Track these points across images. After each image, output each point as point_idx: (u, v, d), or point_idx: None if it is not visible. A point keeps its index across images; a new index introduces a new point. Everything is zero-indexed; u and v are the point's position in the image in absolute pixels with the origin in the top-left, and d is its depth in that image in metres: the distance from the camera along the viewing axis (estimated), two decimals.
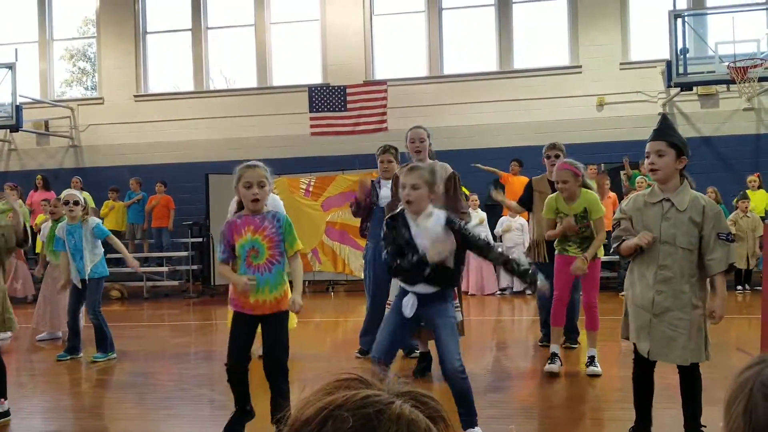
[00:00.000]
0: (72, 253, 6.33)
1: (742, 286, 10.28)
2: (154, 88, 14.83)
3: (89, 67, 16.14)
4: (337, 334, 8.31)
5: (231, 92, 14.48)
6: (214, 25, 14.53)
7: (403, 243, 3.62)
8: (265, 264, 3.79)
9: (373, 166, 6.23)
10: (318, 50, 13.94)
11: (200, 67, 14.35)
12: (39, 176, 13.11)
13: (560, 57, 13.27)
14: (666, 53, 11.30)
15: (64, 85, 15.86)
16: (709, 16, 11.82)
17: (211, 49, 14.57)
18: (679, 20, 11.01)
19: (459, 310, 5.24)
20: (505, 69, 13.28)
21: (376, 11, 13.83)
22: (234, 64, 15.10)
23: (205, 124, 13.87)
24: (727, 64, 10.48)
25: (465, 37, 13.84)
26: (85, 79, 16.34)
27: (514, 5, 13.36)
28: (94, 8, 14.78)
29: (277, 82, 14.14)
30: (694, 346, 3.49)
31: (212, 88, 14.81)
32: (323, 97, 13.30)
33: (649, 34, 12.63)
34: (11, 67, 12.89)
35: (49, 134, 14.46)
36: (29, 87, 14.47)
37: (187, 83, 14.64)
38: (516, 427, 4.11)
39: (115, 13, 14.49)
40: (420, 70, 13.66)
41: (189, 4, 14.36)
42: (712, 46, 11.10)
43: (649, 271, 3.47)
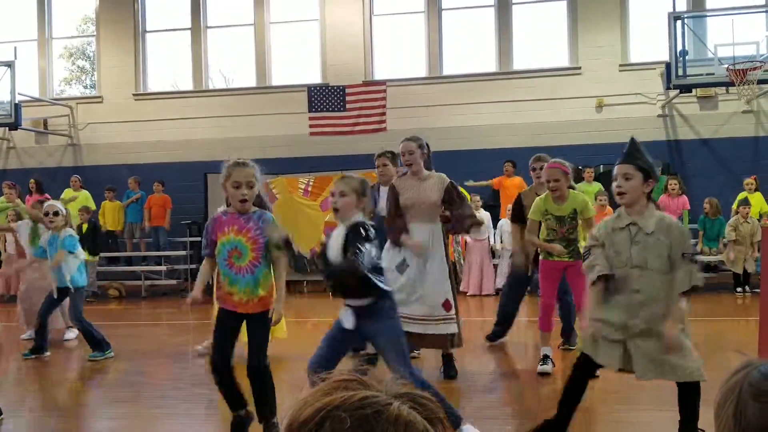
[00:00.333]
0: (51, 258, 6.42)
1: (742, 289, 10.29)
2: (154, 87, 14.82)
3: (88, 66, 16.13)
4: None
5: (230, 91, 14.48)
6: (213, 25, 14.53)
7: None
8: (248, 266, 3.74)
9: (373, 167, 6.18)
10: (317, 50, 13.94)
11: (199, 66, 14.34)
12: (32, 180, 13.06)
13: (560, 58, 13.27)
14: (665, 55, 11.30)
15: (63, 84, 15.85)
16: (709, 19, 11.82)
17: (210, 49, 14.56)
18: (679, 22, 11.01)
19: (455, 321, 5.22)
20: (505, 70, 13.28)
21: (376, 11, 13.83)
22: (233, 63, 15.10)
23: (205, 124, 13.86)
24: (727, 66, 10.48)
25: (464, 37, 13.84)
26: (84, 78, 16.32)
27: (514, 6, 13.37)
28: (94, 7, 14.77)
29: (277, 81, 14.14)
30: (688, 365, 3.43)
31: (211, 87, 14.80)
32: (322, 97, 13.29)
33: (649, 36, 12.63)
34: (10, 65, 12.86)
35: (47, 132, 14.45)
36: (28, 85, 14.45)
37: (186, 82, 14.64)
38: (514, 428, 4.11)
39: (115, 11, 14.48)
40: (419, 70, 13.66)
41: (188, 3, 14.36)
42: (712, 49, 11.10)
43: (622, 296, 3.47)
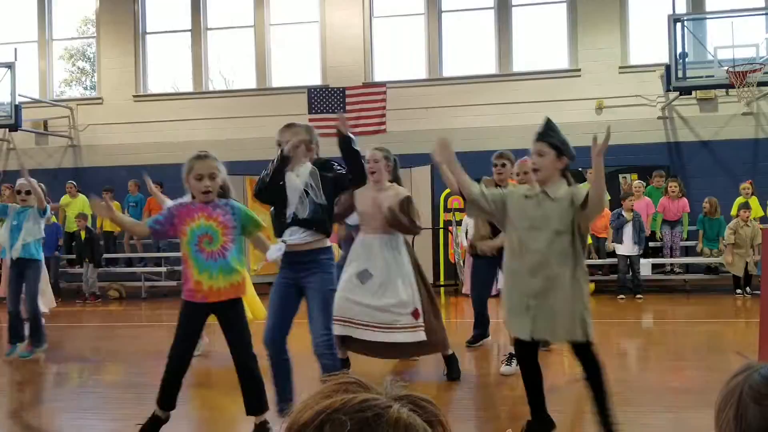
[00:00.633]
0: (11, 231, 6.46)
1: (741, 291, 10.29)
2: (154, 88, 14.82)
3: (88, 67, 16.13)
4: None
5: (230, 93, 14.48)
6: (213, 26, 14.53)
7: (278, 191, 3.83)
8: (219, 250, 3.73)
9: None
10: (317, 52, 13.94)
11: (199, 67, 14.35)
12: None
13: (559, 60, 13.28)
14: (665, 57, 11.31)
15: (63, 85, 15.85)
16: (709, 21, 11.82)
17: (210, 50, 14.57)
18: (679, 24, 11.02)
19: (423, 329, 5.08)
20: (505, 72, 13.28)
21: (376, 13, 13.83)
22: (233, 64, 15.10)
23: (205, 125, 13.86)
24: (726, 68, 10.48)
25: (464, 39, 13.84)
26: (84, 79, 16.33)
27: (514, 8, 13.37)
28: (94, 8, 14.77)
29: (277, 83, 14.14)
30: (577, 325, 3.56)
31: (211, 88, 14.80)
32: (322, 99, 13.30)
33: (649, 38, 12.64)
34: (10, 67, 12.87)
35: (48, 134, 14.45)
36: (28, 86, 14.45)
37: (186, 84, 14.64)
38: (514, 429, 4.11)
39: (115, 13, 14.48)
40: (419, 72, 13.67)
41: (188, 4, 14.36)
42: (712, 51, 11.11)
43: (524, 259, 3.63)
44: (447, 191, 11.54)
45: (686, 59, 11.03)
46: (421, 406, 0.88)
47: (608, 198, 11.00)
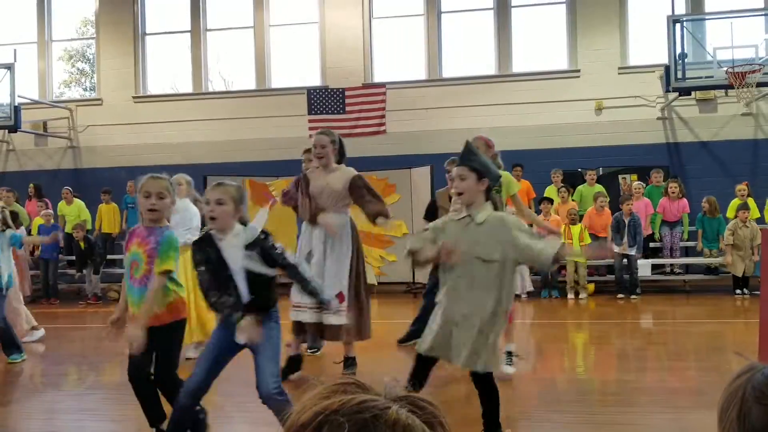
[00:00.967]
0: None
1: (741, 291, 10.29)
2: (153, 89, 14.82)
3: (88, 68, 16.13)
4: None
5: (230, 94, 14.48)
6: (213, 27, 14.53)
7: (215, 269, 3.49)
8: (141, 278, 3.74)
9: (372, 169, 6.19)
10: (317, 53, 13.94)
11: (199, 68, 14.35)
12: (31, 185, 13.06)
13: (559, 61, 13.28)
14: (664, 58, 11.31)
15: (62, 86, 15.85)
16: (708, 22, 11.82)
17: (210, 51, 14.57)
18: (678, 25, 11.02)
19: (345, 313, 5.25)
20: (504, 73, 13.28)
21: (375, 14, 13.83)
22: (233, 66, 15.10)
23: (204, 126, 13.86)
24: (726, 69, 10.49)
25: (464, 40, 13.84)
26: (83, 80, 16.32)
27: (513, 9, 13.37)
28: (93, 9, 14.77)
29: (276, 84, 14.14)
30: (480, 356, 3.56)
31: (211, 89, 14.80)
32: (322, 100, 13.30)
33: (648, 39, 12.64)
34: (10, 68, 12.86)
35: (47, 135, 14.44)
36: (28, 87, 14.44)
37: (186, 85, 14.64)
38: (513, 430, 4.11)
39: (114, 14, 14.48)
40: (419, 73, 13.67)
41: (188, 5, 14.36)
42: (711, 51, 11.11)
43: (456, 283, 3.63)
44: None
45: (685, 60, 11.04)
46: (421, 407, 0.88)
47: (608, 199, 11.04)
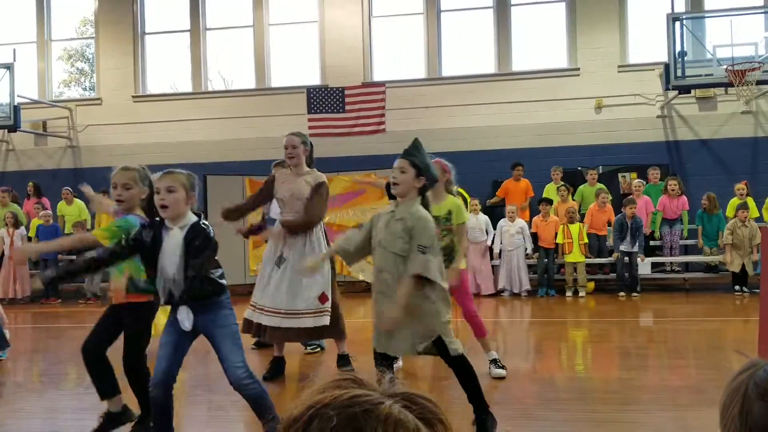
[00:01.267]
0: None
1: (740, 288, 10.29)
2: (153, 88, 14.81)
3: (87, 68, 16.13)
4: None
5: (229, 93, 14.47)
6: (212, 26, 14.52)
7: (149, 252, 3.47)
8: None
9: (372, 168, 6.19)
10: (316, 52, 13.94)
11: (199, 67, 14.34)
12: (30, 183, 13.07)
13: (558, 59, 13.27)
14: (664, 56, 11.31)
15: (62, 86, 15.84)
16: (708, 20, 11.82)
17: (209, 50, 14.56)
18: (678, 23, 11.02)
19: (328, 314, 5.33)
20: (504, 71, 13.28)
21: (375, 13, 13.82)
22: (232, 65, 15.09)
23: (204, 125, 13.86)
24: (725, 67, 10.49)
25: (463, 39, 13.83)
26: (83, 80, 16.32)
27: (513, 8, 13.37)
28: (93, 9, 14.77)
29: (276, 83, 14.14)
30: (420, 342, 3.76)
31: (211, 89, 14.80)
32: (321, 99, 13.30)
33: (648, 37, 12.64)
34: (9, 68, 12.86)
35: (47, 135, 14.44)
36: (27, 87, 14.44)
37: (185, 84, 14.63)
38: (513, 429, 4.11)
39: (114, 13, 14.48)
40: (418, 71, 13.66)
41: (187, 4, 14.35)
42: (711, 50, 11.11)
43: (382, 277, 3.78)
44: None
45: (685, 58, 11.03)
46: (419, 404, 0.88)
47: (609, 198, 11.04)
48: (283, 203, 5.40)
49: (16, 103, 12.92)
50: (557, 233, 10.69)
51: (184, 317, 3.46)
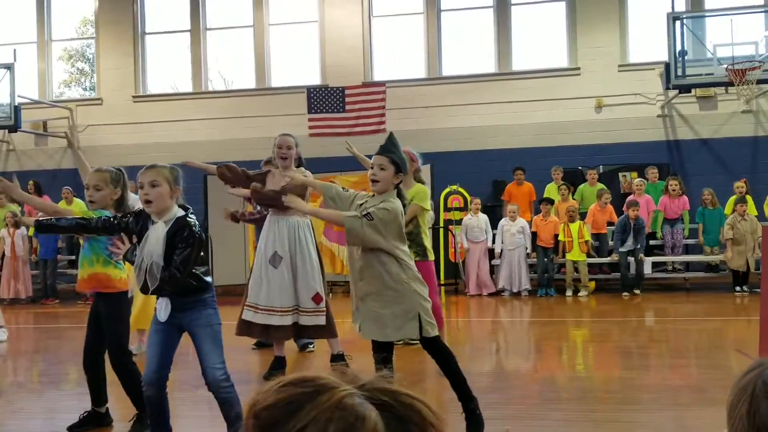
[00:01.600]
0: None
1: (740, 288, 10.28)
2: (153, 88, 14.81)
3: (88, 68, 16.13)
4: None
5: (230, 93, 14.47)
6: (212, 26, 14.52)
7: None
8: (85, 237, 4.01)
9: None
10: (316, 51, 13.94)
11: (199, 68, 14.34)
12: (31, 182, 13.06)
13: (559, 59, 13.27)
14: (664, 55, 11.30)
15: (62, 86, 15.85)
16: (708, 19, 11.82)
17: (209, 50, 14.56)
18: (678, 22, 11.02)
19: (324, 314, 5.30)
20: (504, 71, 13.28)
21: (375, 13, 13.82)
22: (233, 65, 15.09)
23: (204, 125, 13.86)
24: (726, 66, 10.48)
25: (464, 38, 13.83)
26: (83, 80, 16.33)
27: (513, 7, 13.36)
28: (93, 9, 14.77)
29: (276, 83, 14.14)
30: (405, 325, 3.75)
31: (211, 89, 14.80)
32: (322, 98, 13.30)
33: (648, 37, 12.64)
34: (10, 68, 12.87)
35: (47, 135, 14.44)
36: (28, 87, 14.44)
37: (185, 84, 14.64)
38: (513, 428, 4.11)
39: (114, 13, 14.47)
40: (418, 71, 13.66)
41: (188, 5, 14.36)
42: (711, 49, 11.11)
43: (353, 262, 3.94)
44: (447, 190, 11.54)
45: (685, 57, 11.03)
46: (403, 404, 0.84)
47: (609, 198, 11.03)
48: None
49: (17, 104, 12.93)
50: (557, 233, 10.69)
51: (162, 308, 3.47)
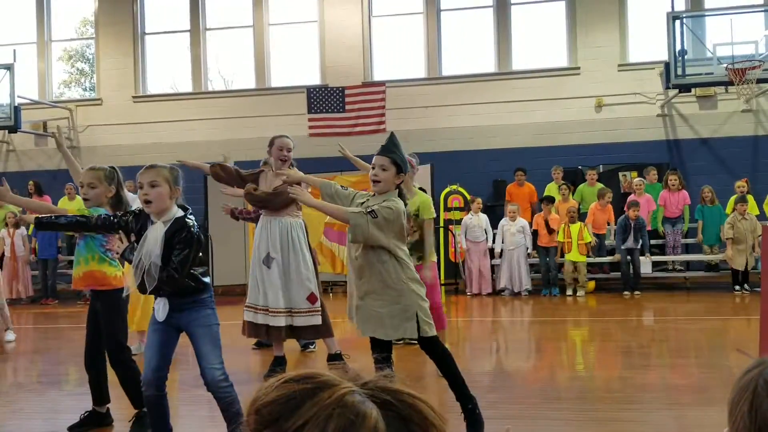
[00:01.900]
0: None
1: (741, 287, 10.28)
2: (153, 89, 14.81)
3: (87, 68, 16.13)
4: (336, 333, 8.28)
5: (229, 93, 14.47)
6: (212, 26, 14.52)
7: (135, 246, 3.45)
8: (81, 234, 4.08)
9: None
10: (316, 51, 13.94)
11: (199, 68, 14.34)
12: (31, 182, 13.08)
13: (558, 58, 13.27)
14: (664, 55, 11.30)
15: (62, 86, 15.84)
16: (708, 18, 11.82)
17: (209, 50, 14.56)
18: (678, 22, 11.01)
19: (319, 314, 5.35)
20: (504, 70, 13.28)
21: (375, 12, 13.82)
22: (232, 65, 15.09)
23: (204, 125, 13.86)
24: (726, 65, 10.48)
25: (463, 38, 13.83)
26: (83, 80, 16.32)
27: (513, 6, 13.36)
28: (93, 9, 14.77)
29: (276, 83, 14.14)
30: (405, 324, 3.76)
31: (211, 89, 14.80)
32: (322, 98, 13.30)
33: (648, 36, 12.63)
34: (10, 68, 12.86)
35: (47, 135, 14.44)
36: (27, 88, 14.44)
37: (185, 84, 14.64)
38: (514, 428, 4.11)
39: (114, 14, 14.48)
40: (418, 71, 13.66)
41: (187, 5, 14.36)
42: (711, 48, 11.11)
43: (352, 262, 3.88)
44: (447, 190, 11.53)
45: (685, 57, 11.03)
46: (405, 403, 0.84)
47: (611, 197, 11.03)
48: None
49: (17, 104, 12.93)
50: (558, 231, 10.69)
51: (159, 308, 3.48)
